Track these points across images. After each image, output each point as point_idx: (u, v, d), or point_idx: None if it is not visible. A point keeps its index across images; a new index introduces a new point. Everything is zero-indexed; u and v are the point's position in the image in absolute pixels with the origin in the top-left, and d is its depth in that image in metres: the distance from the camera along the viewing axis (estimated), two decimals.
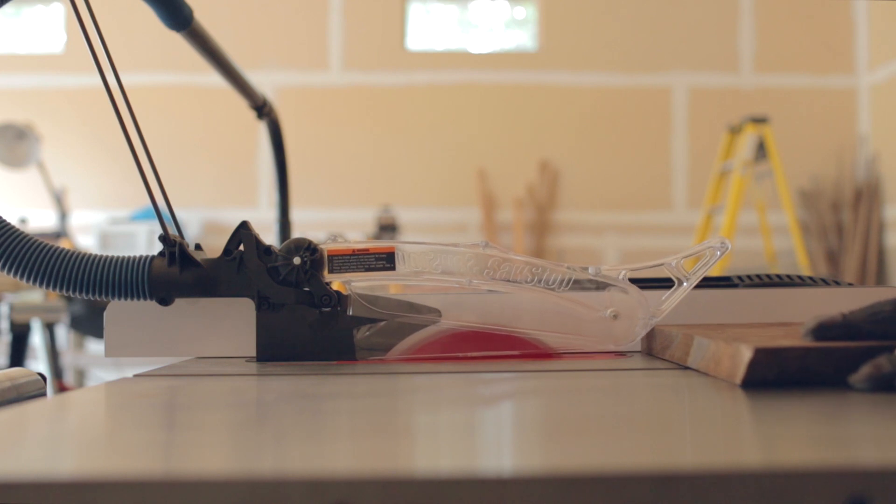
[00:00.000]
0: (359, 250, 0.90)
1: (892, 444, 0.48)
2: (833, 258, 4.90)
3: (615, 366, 0.82)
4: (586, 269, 0.88)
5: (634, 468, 0.40)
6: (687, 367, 0.75)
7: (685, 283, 0.88)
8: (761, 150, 4.00)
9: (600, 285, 0.89)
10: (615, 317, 0.88)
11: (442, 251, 0.89)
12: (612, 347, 0.89)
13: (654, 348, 0.88)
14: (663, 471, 0.39)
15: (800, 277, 1.01)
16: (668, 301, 0.88)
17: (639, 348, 0.92)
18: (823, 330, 0.65)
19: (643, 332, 0.88)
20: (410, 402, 0.62)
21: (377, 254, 0.90)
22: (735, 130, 4.18)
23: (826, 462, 0.41)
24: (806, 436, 0.49)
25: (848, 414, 0.56)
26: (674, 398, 0.65)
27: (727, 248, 0.87)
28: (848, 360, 0.62)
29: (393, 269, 0.89)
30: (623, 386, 0.71)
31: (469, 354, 0.90)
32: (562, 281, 0.88)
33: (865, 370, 0.60)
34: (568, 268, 0.88)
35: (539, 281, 0.88)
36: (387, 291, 0.92)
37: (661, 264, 0.89)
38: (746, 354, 0.62)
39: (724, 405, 0.60)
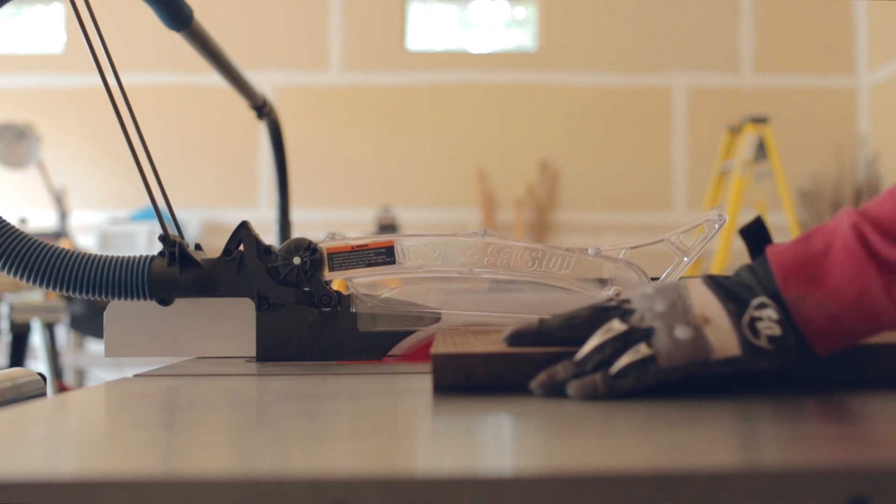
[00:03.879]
0: (358, 246, 0.90)
1: (892, 444, 0.48)
2: None
3: None
4: (586, 250, 0.88)
5: (634, 468, 0.40)
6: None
7: (686, 259, 0.88)
8: (761, 150, 4.00)
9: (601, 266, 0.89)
10: (617, 296, 0.88)
11: (441, 242, 0.89)
12: None
13: None
14: (663, 471, 0.39)
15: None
16: (669, 277, 0.88)
17: None
18: (518, 337, 0.65)
19: None
20: (410, 403, 0.62)
21: (377, 248, 0.90)
22: (735, 130, 4.18)
23: (826, 462, 0.41)
24: (806, 436, 0.49)
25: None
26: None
27: (724, 221, 0.88)
28: (535, 367, 0.62)
29: (393, 262, 0.90)
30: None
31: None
32: (562, 263, 0.88)
33: (540, 377, 0.61)
34: (567, 250, 0.88)
35: (540, 265, 0.88)
36: (387, 286, 0.92)
37: (661, 241, 0.89)
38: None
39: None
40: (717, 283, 0.61)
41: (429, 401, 0.61)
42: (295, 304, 0.90)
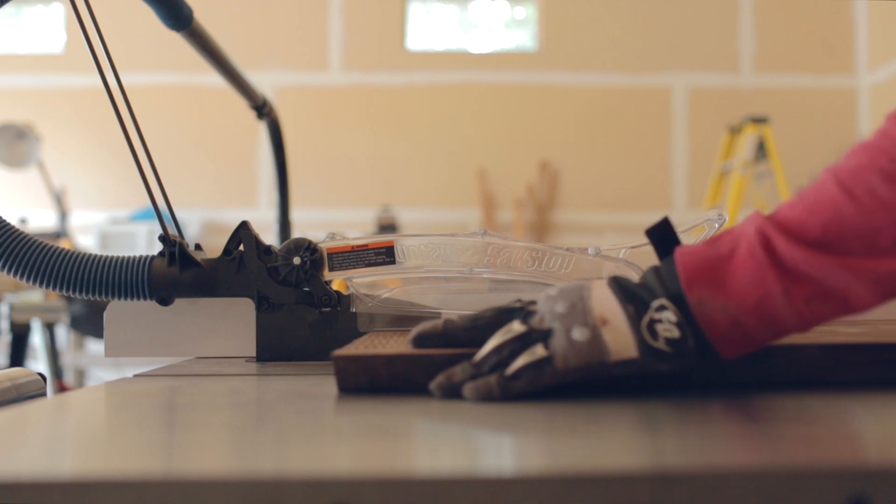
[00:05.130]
0: (358, 246, 0.90)
1: (891, 444, 0.48)
2: None
3: None
4: (586, 250, 0.88)
5: (634, 468, 0.40)
6: None
7: None
8: (761, 150, 4.00)
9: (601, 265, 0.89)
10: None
11: (441, 242, 0.89)
12: None
13: None
14: (663, 471, 0.39)
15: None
16: None
17: None
18: (422, 338, 0.65)
19: None
20: (410, 402, 0.62)
21: (376, 248, 0.90)
22: (735, 130, 4.18)
23: (826, 462, 0.41)
24: (806, 436, 0.49)
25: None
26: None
27: (724, 221, 0.88)
28: (436, 368, 0.62)
29: (393, 262, 0.90)
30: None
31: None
32: (562, 263, 0.88)
33: (438, 378, 0.61)
34: (567, 250, 0.88)
35: (540, 265, 0.88)
36: (387, 286, 0.92)
37: None
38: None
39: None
40: (619, 285, 0.60)
41: (428, 401, 0.61)
42: (295, 304, 0.90)
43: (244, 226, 0.91)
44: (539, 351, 0.58)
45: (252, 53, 4.91)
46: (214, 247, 0.88)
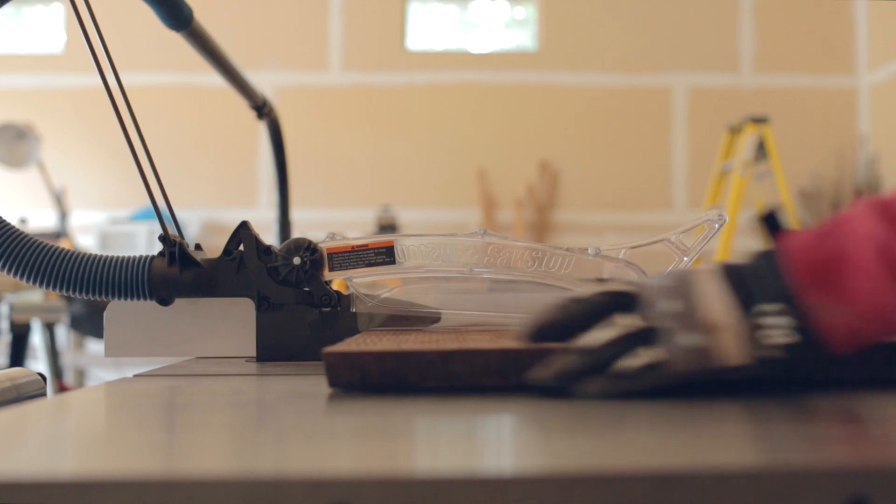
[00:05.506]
0: (358, 246, 0.90)
1: (892, 444, 0.48)
2: None
3: None
4: (586, 250, 0.88)
5: (634, 468, 0.40)
6: None
7: (686, 258, 0.88)
8: (761, 150, 4.00)
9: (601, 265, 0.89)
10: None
11: (441, 242, 0.89)
12: None
13: None
14: (663, 471, 0.39)
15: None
16: None
17: None
18: (541, 331, 0.62)
19: None
20: (410, 402, 0.62)
21: (377, 248, 0.90)
22: (735, 130, 4.18)
23: (826, 462, 0.41)
24: (806, 436, 0.49)
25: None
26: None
27: (724, 221, 0.88)
28: (427, 365, 0.62)
29: (393, 262, 0.90)
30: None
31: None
32: (562, 263, 0.88)
33: (554, 366, 0.59)
34: (567, 250, 0.88)
35: (540, 265, 0.88)
36: (387, 286, 0.92)
37: (661, 240, 0.89)
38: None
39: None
40: (730, 282, 0.59)
41: (430, 401, 0.61)
42: (295, 304, 0.90)
43: (244, 226, 0.91)
44: (655, 351, 0.58)
45: (252, 53, 4.91)
46: (214, 247, 0.88)
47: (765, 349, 0.57)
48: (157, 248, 0.90)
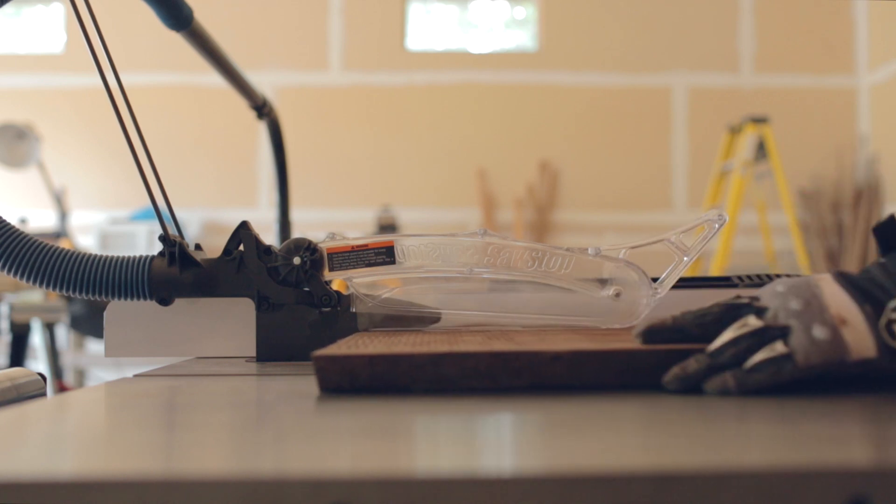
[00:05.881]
0: (358, 246, 0.90)
1: (891, 444, 0.48)
2: (833, 258, 4.90)
3: None
4: (586, 250, 0.88)
5: (634, 468, 0.40)
6: None
7: (686, 259, 0.88)
8: (761, 150, 4.00)
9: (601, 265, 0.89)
10: (617, 295, 0.88)
11: (441, 242, 0.89)
12: (616, 326, 0.89)
13: None
14: (663, 471, 0.39)
15: (799, 277, 1.01)
16: (669, 276, 0.88)
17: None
18: (652, 333, 0.64)
19: (647, 310, 0.88)
20: (409, 402, 0.62)
21: (377, 248, 0.90)
22: (735, 130, 4.18)
23: (826, 462, 0.41)
24: (806, 436, 0.49)
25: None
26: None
27: (724, 221, 0.88)
28: (417, 368, 0.61)
29: (393, 262, 0.90)
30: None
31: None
32: (562, 263, 0.88)
33: (674, 370, 0.60)
34: (567, 250, 0.88)
35: (540, 265, 0.88)
36: (387, 286, 0.92)
37: (661, 240, 0.89)
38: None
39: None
40: (850, 282, 0.60)
41: (429, 401, 0.61)
42: (295, 304, 0.90)
43: (244, 226, 0.91)
44: (779, 347, 0.59)
45: (252, 53, 4.91)
46: (214, 247, 0.88)
47: (890, 344, 0.58)
48: (157, 248, 0.90)
